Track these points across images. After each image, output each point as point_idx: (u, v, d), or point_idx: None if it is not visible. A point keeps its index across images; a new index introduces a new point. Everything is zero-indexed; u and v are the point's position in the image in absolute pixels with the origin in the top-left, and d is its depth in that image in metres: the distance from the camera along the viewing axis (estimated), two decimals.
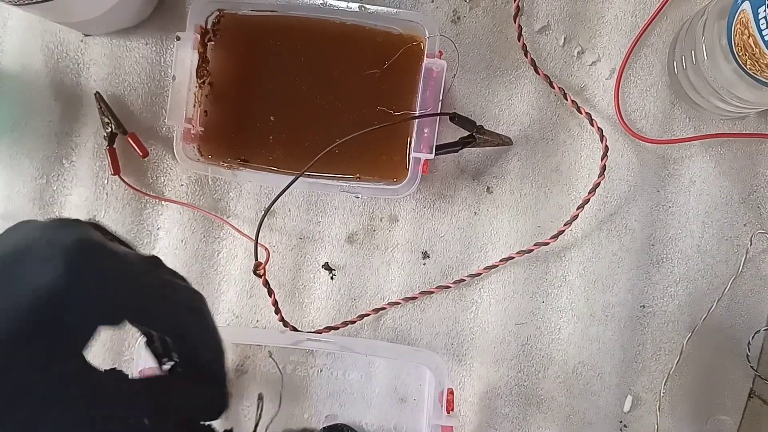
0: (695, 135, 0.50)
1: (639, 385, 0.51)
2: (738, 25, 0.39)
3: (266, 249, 0.48)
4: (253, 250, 0.47)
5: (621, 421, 0.51)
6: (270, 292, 0.48)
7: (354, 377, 0.51)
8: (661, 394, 0.50)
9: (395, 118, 0.48)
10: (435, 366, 0.47)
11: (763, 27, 0.37)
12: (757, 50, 0.38)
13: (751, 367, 0.49)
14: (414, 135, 0.47)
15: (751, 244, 0.50)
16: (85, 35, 0.52)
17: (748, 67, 0.40)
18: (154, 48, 0.52)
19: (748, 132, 0.50)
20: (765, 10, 0.37)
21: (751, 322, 0.50)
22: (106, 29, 0.52)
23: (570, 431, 0.51)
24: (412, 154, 0.47)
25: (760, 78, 0.40)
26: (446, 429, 0.45)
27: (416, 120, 0.47)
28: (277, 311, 0.49)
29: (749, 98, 0.43)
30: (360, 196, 0.51)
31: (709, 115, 0.50)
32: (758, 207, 0.50)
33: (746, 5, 0.38)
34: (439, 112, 0.47)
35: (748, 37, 0.38)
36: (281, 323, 0.50)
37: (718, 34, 0.42)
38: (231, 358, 0.52)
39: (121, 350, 0.52)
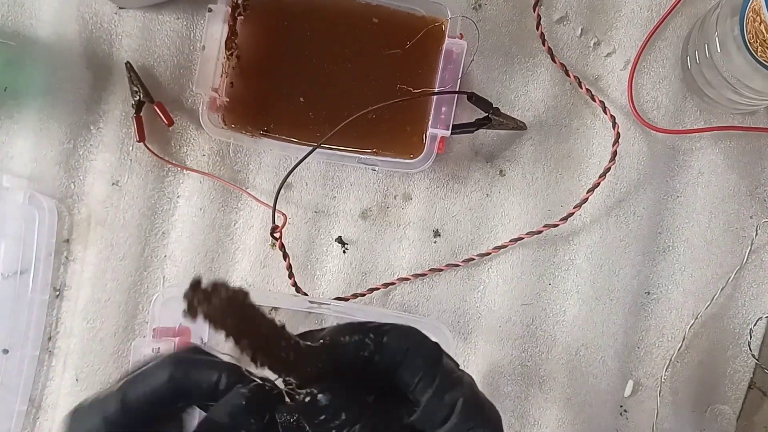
0: (706, 127, 0.51)
1: (640, 371, 0.51)
2: (750, 13, 0.41)
3: (283, 214, 0.49)
4: (271, 219, 0.49)
5: (621, 406, 0.51)
6: (285, 256, 0.49)
7: None
8: (662, 380, 0.51)
9: (415, 95, 0.49)
10: (442, 336, 0.48)
11: None
12: None
13: (752, 355, 0.50)
14: (432, 113, 0.49)
15: (756, 236, 0.51)
16: (120, 8, 0.54)
17: (758, 54, 0.41)
18: (185, 23, 0.54)
19: (757, 126, 0.51)
20: None
21: (754, 312, 0.51)
22: (140, 3, 0.54)
23: (570, 413, 0.51)
24: (429, 131, 0.48)
25: None
26: None
27: (434, 97, 0.48)
28: (291, 275, 0.50)
29: (761, 88, 0.45)
30: (377, 168, 0.52)
31: (720, 109, 0.51)
32: (764, 200, 0.51)
33: None
34: (457, 90, 0.48)
35: (760, 24, 0.40)
36: (294, 287, 0.51)
37: (731, 27, 0.43)
38: None
39: (135, 312, 0.54)
